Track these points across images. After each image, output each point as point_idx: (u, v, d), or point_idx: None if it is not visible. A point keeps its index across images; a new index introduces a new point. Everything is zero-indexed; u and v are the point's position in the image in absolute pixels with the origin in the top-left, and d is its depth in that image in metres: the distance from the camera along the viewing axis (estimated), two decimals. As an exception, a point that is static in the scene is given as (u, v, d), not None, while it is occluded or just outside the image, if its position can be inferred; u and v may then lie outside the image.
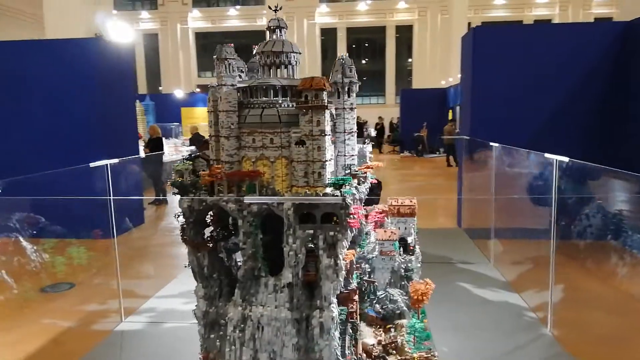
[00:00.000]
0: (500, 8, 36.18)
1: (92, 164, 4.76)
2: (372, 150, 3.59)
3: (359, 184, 3.14)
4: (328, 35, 38.13)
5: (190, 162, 3.01)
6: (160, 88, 38.28)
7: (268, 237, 3.06)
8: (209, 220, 3.11)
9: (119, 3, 35.08)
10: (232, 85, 2.96)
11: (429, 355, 3.17)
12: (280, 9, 3.25)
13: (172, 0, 37.72)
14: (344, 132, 3.19)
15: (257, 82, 3.02)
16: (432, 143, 22.44)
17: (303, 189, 2.87)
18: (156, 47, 38.62)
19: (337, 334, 2.99)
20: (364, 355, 3.24)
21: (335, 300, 2.96)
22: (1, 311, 4.96)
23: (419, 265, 4.16)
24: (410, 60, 38.02)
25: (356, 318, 3.18)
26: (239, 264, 3.19)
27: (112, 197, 4.75)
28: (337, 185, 2.82)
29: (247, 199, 2.80)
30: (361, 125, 27.65)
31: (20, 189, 5.92)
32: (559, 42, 7.80)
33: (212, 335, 3.10)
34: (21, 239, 5.56)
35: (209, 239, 3.09)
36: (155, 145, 13.28)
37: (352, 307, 3.15)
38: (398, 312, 3.80)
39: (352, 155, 3.23)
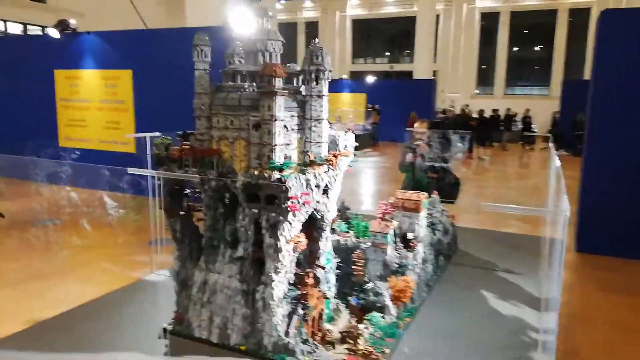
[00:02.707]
0: None
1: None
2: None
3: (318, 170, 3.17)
4: (489, 20, 35.73)
5: (168, 138, 3.38)
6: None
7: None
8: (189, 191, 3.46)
9: (285, -7, 37.77)
10: (204, 69, 3.24)
11: (373, 352, 3.08)
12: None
13: (335, -11, 39.17)
14: (311, 119, 3.23)
15: (227, 68, 3.25)
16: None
17: (255, 170, 3.03)
18: (315, 35, 40.61)
19: (280, 311, 3.12)
20: (316, 338, 3.29)
21: (279, 279, 3.09)
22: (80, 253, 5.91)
23: (416, 262, 3.97)
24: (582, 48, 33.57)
25: (309, 301, 3.24)
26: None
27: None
28: (278, 169, 2.92)
29: (189, 176, 3.08)
30: (509, 118, 25.53)
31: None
32: None
33: (182, 294, 3.47)
34: (105, 195, 6.64)
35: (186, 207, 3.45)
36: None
37: (304, 290, 3.22)
38: (379, 305, 3.72)
39: (319, 142, 3.25)
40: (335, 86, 30.52)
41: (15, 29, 27.75)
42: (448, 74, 36.87)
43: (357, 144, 3.61)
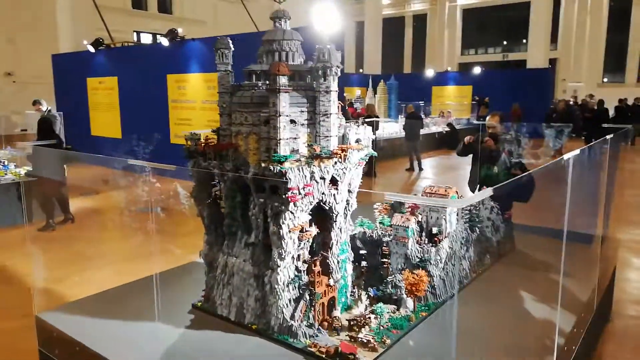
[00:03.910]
0: None
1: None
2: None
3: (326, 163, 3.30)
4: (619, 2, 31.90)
5: (197, 133, 3.75)
6: (423, 67, 39.32)
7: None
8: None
9: (391, -12, 37.44)
10: (225, 70, 3.54)
11: (371, 340, 3.13)
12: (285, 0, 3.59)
13: (445, -22, 37.93)
14: (319, 113, 3.36)
15: (245, 68, 3.52)
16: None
17: (263, 163, 3.27)
18: (423, 28, 39.71)
19: (286, 295, 3.33)
20: (324, 323, 3.43)
21: (284, 265, 3.29)
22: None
23: (439, 258, 3.89)
24: None
25: (317, 288, 3.40)
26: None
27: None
28: (280, 161, 3.12)
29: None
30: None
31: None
32: None
33: (210, 274, 3.83)
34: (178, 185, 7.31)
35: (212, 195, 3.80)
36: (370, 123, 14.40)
37: (311, 277, 3.39)
38: (395, 298, 3.74)
39: (327, 136, 3.37)
40: (440, 79, 29.63)
41: (146, 39, 31.23)
42: (570, 62, 33.71)
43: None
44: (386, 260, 4.04)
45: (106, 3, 24.22)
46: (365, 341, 3.16)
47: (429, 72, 29.51)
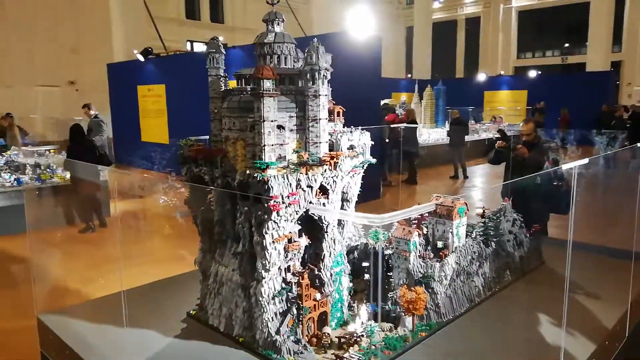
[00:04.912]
0: None
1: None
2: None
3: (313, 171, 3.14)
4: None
5: (191, 139, 3.68)
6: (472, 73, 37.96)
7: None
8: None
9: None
10: (216, 75, 3.47)
11: (354, 358, 2.91)
12: (278, 2, 3.47)
13: (499, -20, 36.64)
14: (308, 119, 3.20)
15: (235, 72, 3.42)
16: None
17: (249, 169, 3.16)
18: (476, 31, 38.49)
19: (272, 308, 3.19)
20: (312, 339, 3.25)
21: (269, 276, 3.15)
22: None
23: (443, 274, 3.59)
24: None
25: (305, 302, 3.23)
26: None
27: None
28: (262, 168, 2.99)
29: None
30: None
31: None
32: None
33: (204, 282, 3.76)
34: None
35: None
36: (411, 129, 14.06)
37: (299, 290, 3.23)
38: (394, 315, 3.50)
39: (316, 142, 3.20)
40: (493, 84, 28.57)
41: (199, 48, 32.23)
42: (636, 64, 31.60)
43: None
44: (390, 274, 3.81)
45: (161, 14, 25.24)
46: (349, 361, 2.96)
47: (481, 77, 28.51)
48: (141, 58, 16.44)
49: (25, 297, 6.55)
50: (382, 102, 19.27)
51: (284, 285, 3.24)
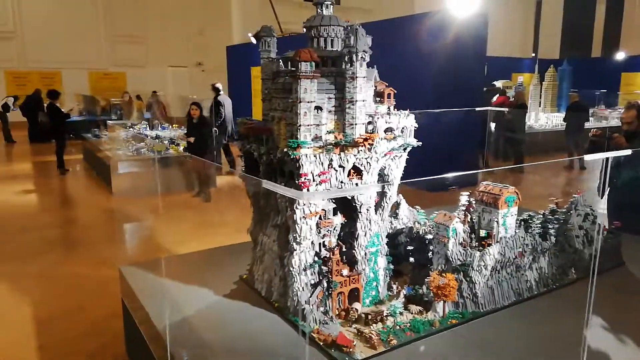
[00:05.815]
0: None
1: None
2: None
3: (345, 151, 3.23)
4: None
5: (247, 118, 3.95)
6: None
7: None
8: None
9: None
10: (268, 58, 3.67)
11: (373, 337, 2.96)
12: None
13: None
14: (346, 100, 3.27)
15: (282, 55, 3.59)
16: None
17: (286, 148, 3.35)
18: (620, 3, 33.86)
19: (303, 279, 3.38)
20: (341, 312, 3.38)
21: (301, 249, 3.34)
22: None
23: (483, 263, 3.44)
24: None
25: (334, 276, 3.37)
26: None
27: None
28: (294, 147, 3.16)
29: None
30: None
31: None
32: None
33: (254, 250, 4.06)
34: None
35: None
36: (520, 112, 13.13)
37: (330, 266, 3.38)
38: (425, 299, 3.48)
39: (352, 123, 3.26)
40: (633, 64, 25.25)
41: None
42: None
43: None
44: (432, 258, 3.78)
45: (282, -3, 26.25)
46: (368, 337, 3.05)
47: (619, 56, 25.27)
48: (254, 40, 17.35)
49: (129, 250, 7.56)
50: (496, 84, 18.14)
51: (316, 259, 3.41)
